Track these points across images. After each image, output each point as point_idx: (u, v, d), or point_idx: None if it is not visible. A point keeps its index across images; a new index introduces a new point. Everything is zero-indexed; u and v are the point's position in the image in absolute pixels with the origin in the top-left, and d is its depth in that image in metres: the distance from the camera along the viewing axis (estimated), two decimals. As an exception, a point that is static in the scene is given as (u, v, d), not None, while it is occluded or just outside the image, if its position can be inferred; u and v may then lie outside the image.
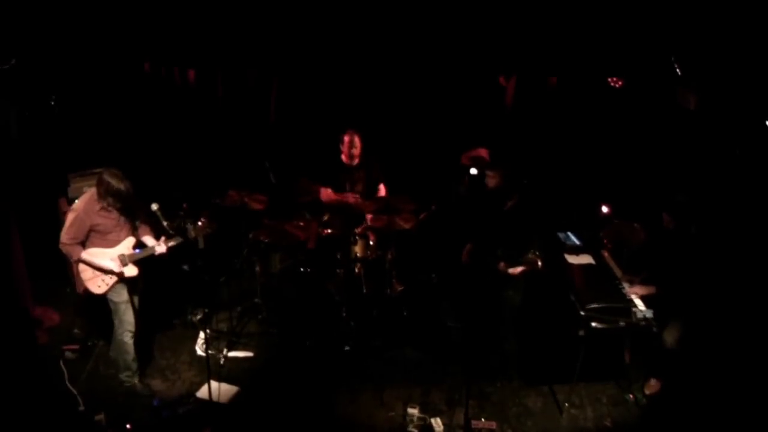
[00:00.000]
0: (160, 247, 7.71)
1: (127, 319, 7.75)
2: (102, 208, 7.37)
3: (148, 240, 7.83)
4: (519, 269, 7.85)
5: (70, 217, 7.45)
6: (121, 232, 7.59)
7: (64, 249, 7.46)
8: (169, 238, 7.79)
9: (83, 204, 7.43)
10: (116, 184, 7.19)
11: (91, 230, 7.43)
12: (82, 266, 7.54)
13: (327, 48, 10.79)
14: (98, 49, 10.63)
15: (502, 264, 7.90)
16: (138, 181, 7.42)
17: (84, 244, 7.49)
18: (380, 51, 10.64)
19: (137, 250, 7.69)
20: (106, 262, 7.48)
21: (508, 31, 10.29)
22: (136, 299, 7.93)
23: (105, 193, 7.25)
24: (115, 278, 7.59)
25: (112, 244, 7.54)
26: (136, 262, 7.68)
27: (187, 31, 10.72)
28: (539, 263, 7.67)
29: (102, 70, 10.87)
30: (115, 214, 7.46)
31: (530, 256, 7.76)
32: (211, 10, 10.52)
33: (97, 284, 7.57)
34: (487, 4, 10.17)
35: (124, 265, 7.57)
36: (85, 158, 10.16)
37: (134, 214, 7.64)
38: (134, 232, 7.75)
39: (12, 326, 8.52)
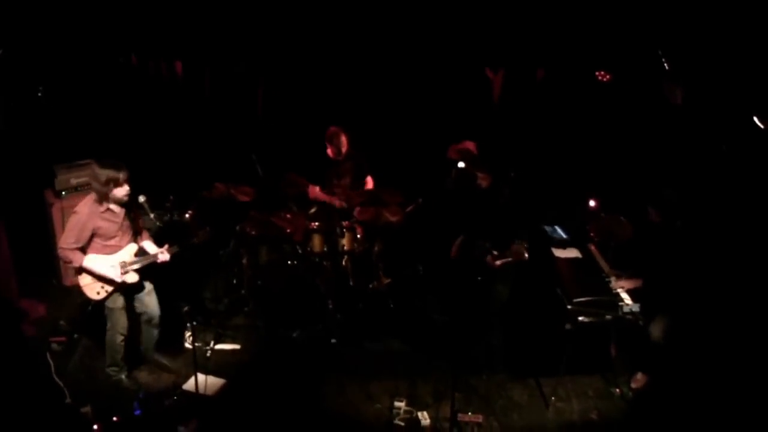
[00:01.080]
0: (164, 255, 7.61)
1: (120, 324, 7.69)
2: (107, 210, 7.28)
3: (150, 246, 7.73)
4: (504, 260, 7.84)
5: (71, 220, 7.25)
6: (123, 238, 7.47)
7: (63, 254, 7.29)
8: (171, 245, 7.70)
9: (87, 206, 7.25)
10: (113, 172, 7.10)
11: (93, 234, 7.28)
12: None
13: (314, 42, 10.78)
14: (85, 41, 10.60)
15: (489, 257, 7.90)
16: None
17: (84, 250, 7.34)
18: (367, 44, 10.64)
19: (138, 258, 7.59)
20: (107, 271, 7.33)
21: (495, 24, 10.30)
22: (153, 293, 7.91)
23: (104, 183, 7.12)
24: (114, 286, 7.51)
25: (114, 249, 7.41)
26: (137, 269, 7.58)
27: (174, 24, 10.70)
28: (526, 255, 7.67)
29: (89, 62, 10.84)
30: (119, 218, 7.36)
31: (516, 246, 7.76)
32: (199, 3, 10.49)
33: (96, 290, 7.45)
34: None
35: (125, 272, 7.45)
36: (72, 150, 10.14)
37: (135, 216, 7.52)
38: (136, 238, 7.67)
39: (-3, 319, 8.52)
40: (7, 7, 9.43)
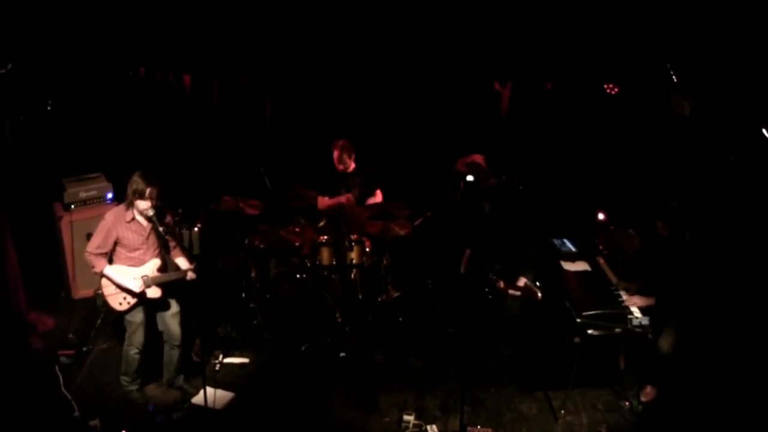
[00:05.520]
0: (192, 275, 7.65)
1: (136, 339, 7.70)
2: (133, 220, 7.34)
3: (182, 262, 7.77)
4: (515, 291, 7.84)
5: (99, 226, 7.39)
6: (148, 252, 7.50)
7: (88, 258, 7.40)
8: (198, 265, 7.74)
9: (113, 213, 7.38)
10: (142, 184, 7.17)
11: (117, 243, 7.37)
12: (104, 281, 7.44)
13: (322, 54, 10.79)
14: (94, 54, 10.63)
15: (502, 283, 7.89)
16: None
17: (111, 259, 7.44)
18: (375, 57, 10.65)
19: (162, 273, 7.58)
20: (129, 282, 7.38)
21: (503, 37, 10.30)
22: (177, 316, 7.87)
23: (132, 194, 7.22)
24: (137, 298, 7.51)
25: (138, 262, 7.45)
26: (161, 285, 7.58)
27: (182, 36, 10.72)
28: (539, 295, 7.65)
29: (98, 74, 10.86)
30: (145, 231, 7.42)
31: (529, 284, 7.75)
32: (206, 16, 10.52)
33: (119, 301, 7.48)
34: (482, 10, 10.18)
35: (147, 286, 7.46)
36: (81, 163, 10.17)
37: (161, 231, 7.44)
38: (164, 254, 7.64)
39: (6, 331, 8.51)
40: (15, 21, 9.46)
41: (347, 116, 10.99)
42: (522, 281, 7.88)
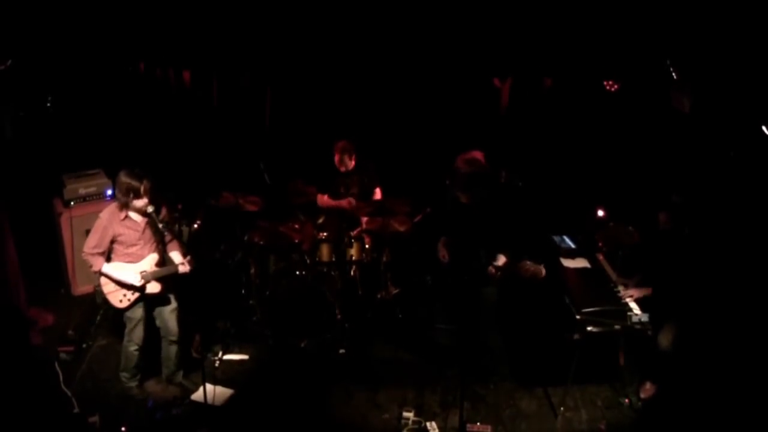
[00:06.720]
0: (184, 267, 7.63)
1: (136, 335, 7.71)
2: (126, 217, 7.35)
3: (176, 256, 7.75)
4: (501, 271, 7.81)
5: (94, 225, 7.39)
6: (145, 247, 7.50)
7: (86, 258, 7.41)
8: (192, 257, 7.74)
9: (108, 212, 7.37)
10: (135, 182, 7.16)
11: (114, 241, 7.36)
12: (104, 279, 7.44)
13: (322, 50, 10.78)
14: (94, 50, 10.62)
15: (491, 268, 7.85)
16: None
17: (108, 257, 7.44)
18: (375, 53, 10.64)
19: (159, 268, 7.59)
20: (128, 277, 7.38)
21: (503, 33, 10.29)
22: (175, 312, 7.89)
23: (125, 192, 7.20)
24: (137, 294, 7.51)
25: (136, 258, 7.45)
26: (160, 279, 7.58)
27: (182, 33, 10.71)
28: (543, 272, 7.62)
29: (97, 70, 10.86)
30: (140, 227, 7.42)
31: (529, 263, 7.71)
32: (206, 12, 10.51)
33: (119, 298, 7.48)
34: (482, 6, 10.18)
35: (147, 281, 7.47)
36: (81, 159, 10.17)
37: (160, 228, 7.43)
38: (161, 248, 7.66)
39: (6, 327, 8.50)
40: (15, 18, 9.46)
41: (347, 113, 10.98)
42: (501, 260, 7.84)
